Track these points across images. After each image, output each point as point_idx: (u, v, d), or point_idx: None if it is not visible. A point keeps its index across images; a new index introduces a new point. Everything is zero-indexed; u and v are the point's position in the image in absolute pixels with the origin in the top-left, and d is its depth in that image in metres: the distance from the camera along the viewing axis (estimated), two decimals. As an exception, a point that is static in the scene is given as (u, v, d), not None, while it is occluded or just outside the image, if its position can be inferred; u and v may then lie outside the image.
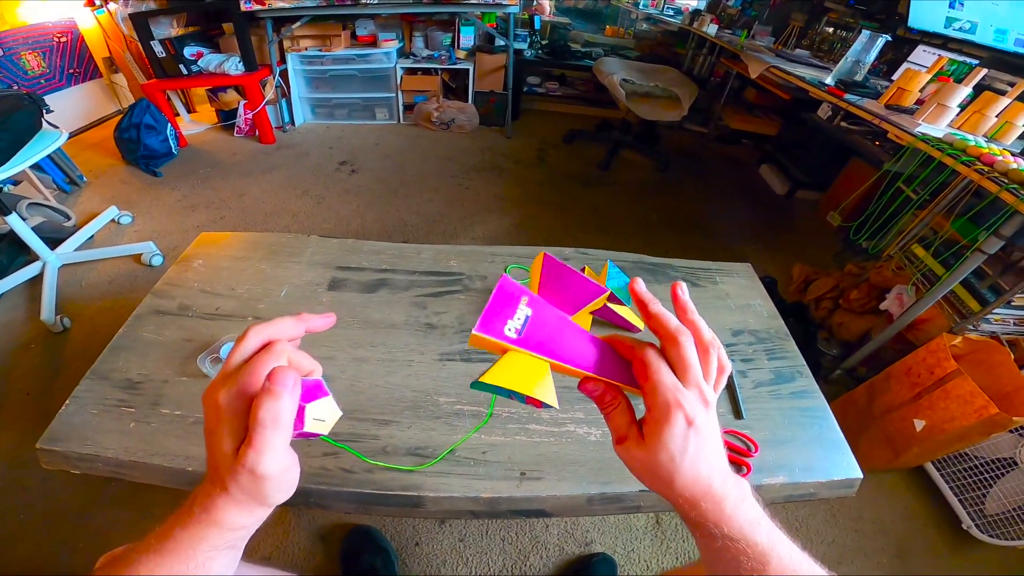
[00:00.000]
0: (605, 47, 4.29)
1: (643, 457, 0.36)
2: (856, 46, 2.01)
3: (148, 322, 0.92)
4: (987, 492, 1.38)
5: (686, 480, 0.35)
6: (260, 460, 0.34)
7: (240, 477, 0.34)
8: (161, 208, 2.49)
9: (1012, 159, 1.27)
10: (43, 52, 2.97)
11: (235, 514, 0.37)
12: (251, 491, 0.36)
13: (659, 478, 0.36)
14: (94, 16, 3.20)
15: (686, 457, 0.35)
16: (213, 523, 0.36)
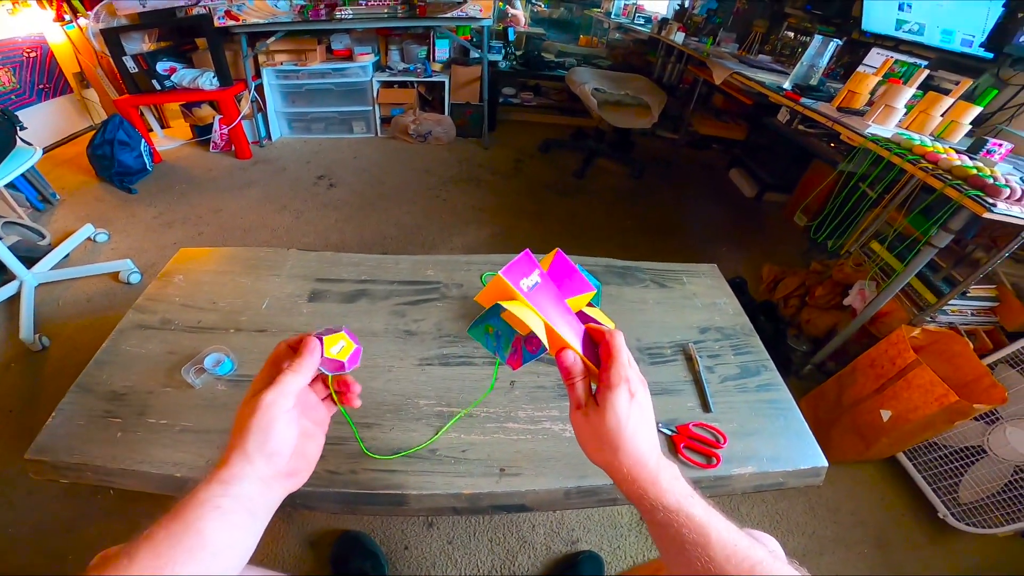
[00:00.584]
0: (578, 57, 4.36)
1: (595, 421, 0.44)
2: (810, 51, 2.09)
3: (131, 336, 0.94)
4: (959, 481, 1.42)
5: (628, 448, 0.42)
6: (271, 392, 0.43)
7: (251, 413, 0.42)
8: (137, 225, 2.47)
9: (956, 156, 1.34)
10: (13, 68, 2.94)
11: (241, 466, 0.41)
12: (260, 439, 0.42)
13: (607, 444, 0.43)
14: (64, 31, 3.17)
15: (629, 424, 0.43)
16: (218, 480, 0.40)
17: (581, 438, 0.46)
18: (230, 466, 0.41)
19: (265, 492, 0.43)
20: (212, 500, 0.39)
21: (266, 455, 0.42)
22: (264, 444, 0.42)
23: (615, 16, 4.84)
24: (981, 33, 1.88)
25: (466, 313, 1.03)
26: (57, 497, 1.30)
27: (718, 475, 0.79)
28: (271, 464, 0.43)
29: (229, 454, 0.42)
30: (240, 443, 0.42)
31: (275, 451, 0.43)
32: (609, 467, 0.44)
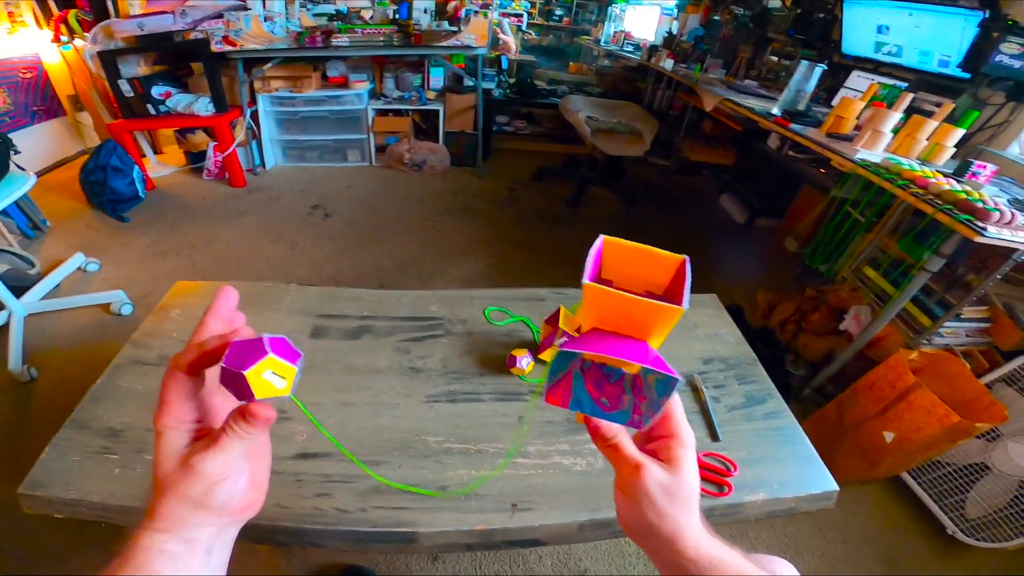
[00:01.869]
0: (570, 84, 4.45)
1: (668, 483, 0.37)
2: (796, 76, 2.14)
3: (127, 372, 0.92)
4: (965, 497, 1.44)
5: (696, 504, 0.39)
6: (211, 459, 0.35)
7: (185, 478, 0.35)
8: (129, 255, 2.45)
9: (944, 180, 1.37)
10: (8, 88, 2.94)
11: (184, 513, 0.35)
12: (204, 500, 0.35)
13: (684, 505, 0.38)
14: (60, 52, 3.18)
15: (697, 478, 0.38)
16: (157, 529, 0.35)
17: (651, 514, 0.37)
18: (166, 517, 0.35)
19: (220, 532, 0.38)
20: (156, 546, 0.34)
21: (214, 512, 0.36)
22: (209, 505, 0.36)
23: (604, 43, 4.97)
24: (957, 54, 1.92)
25: (471, 349, 1.02)
26: (45, 529, 1.28)
27: (731, 503, 0.79)
28: (220, 515, 0.37)
29: (160, 511, 0.35)
30: (171, 505, 0.35)
31: (222, 506, 0.36)
32: (675, 537, 0.38)
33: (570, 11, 6.13)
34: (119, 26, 2.79)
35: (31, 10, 3.05)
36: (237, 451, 0.36)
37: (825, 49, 2.75)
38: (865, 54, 2.41)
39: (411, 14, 3.11)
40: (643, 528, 0.38)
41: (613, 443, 0.38)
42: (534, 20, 5.98)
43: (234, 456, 0.36)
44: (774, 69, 3.20)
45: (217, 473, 0.35)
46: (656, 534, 0.38)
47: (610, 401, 0.35)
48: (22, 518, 1.24)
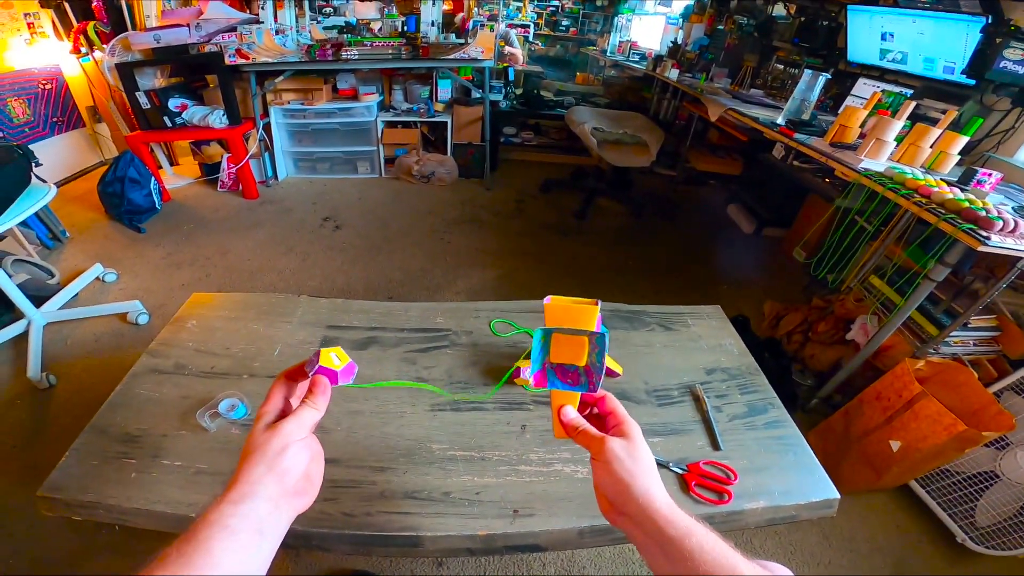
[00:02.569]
0: (576, 95, 4.49)
1: (630, 446, 0.48)
2: (800, 85, 2.15)
3: (145, 380, 0.95)
4: (975, 505, 1.43)
5: (656, 471, 0.49)
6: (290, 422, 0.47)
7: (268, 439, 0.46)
8: (146, 265, 2.51)
9: (948, 189, 1.37)
10: (28, 99, 3.01)
11: (250, 485, 0.43)
12: (272, 460, 0.45)
13: (648, 471, 0.48)
14: (79, 64, 3.26)
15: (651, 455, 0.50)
16: (228, 500, 0.42)
17: (622, 472, 0.48)
18: (239, 486, 0.43)
19: (274, 511, 0.44)
20: (222, 520, 0.40)
21: (277, 474, 0.45)
22: (275, 464, 0.45)
23: (610, 54, 5.01)
24: (962, 60, 1.91)
25: (476, 360, 1.04)
26: (59, 532, 1.31)
27: (730, 510, 0.80)
28: (281, 483, 0.45)
29: (238, 475, 0.44)
30: (250, 465, 0.44)
31: (286, 470, 0.46)
32: (647, 495, 0.46)
33: (577, 22, 6.19)
34: (136, 38, 2.87)
35: (51, 21, 3.13)
36: (308, 420, 0.49)
37: (831, 57, 2.76)
38: (871, 61, 2.41)
39: (419, 27, 3.17)
40: (620, 490, 0.47)
41: (582, 429, 0.52)
42: (541, 31, 6.04)
43: (306, 423, 0.48)
44: (780, 78, 3.21)
45: (290, 432, 0.46)
46: (631, 494, 0.46)
47: (573, 381, 0.54)
48: (38, 521, 1.31)
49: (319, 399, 0.50)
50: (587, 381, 0.53)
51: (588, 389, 0.53)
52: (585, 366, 0.53)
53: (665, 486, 0.80)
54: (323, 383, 0.51)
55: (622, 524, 0.48)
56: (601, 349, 0.52)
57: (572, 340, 0.53)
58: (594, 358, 0.53)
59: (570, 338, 0.53)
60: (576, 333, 0.53)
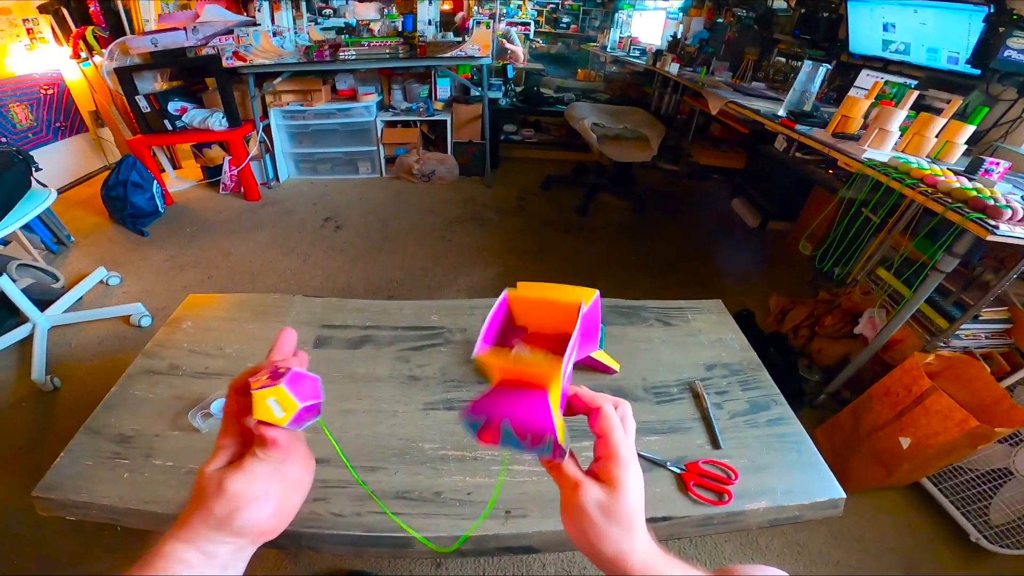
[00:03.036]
0: (577, 91, 4.46)
1: (608, 502, 0.37)
2: (801, 76, 2.12)
3: (139, 381, 0.95)
4: (989, 503, 1.39)
5: (641, 525, 0.38)
6: (236, 479, 0.38)
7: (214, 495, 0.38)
8: (149, 268, 2.52)
9: (954, 178, 1.34)
10: (31, 104, 3.03)
11: (207, 531, 0.38)
12: (227, 520, 0.38)
13: (625, 524, 0.38)
14: (80, 69, 3.27)
15: (640, 499, 0.38)
16: (182, 539, 0.38)
17: (590, 531, 0.38)
18: (192, 528, 0.38)
19: (237, 552, 0.40)
20: (175, 554, 0.37)
21: (233, 532, 0.39)
22: (230, 526, 0.39)
23: (611, 49, 4.98)
24: (965, 50, 1.89)
25: (470, 358, 1.03)
26: (64, 532, 1.33)
27: (730, 511, 0.77)
28: (241, 535, 0.39)
29: (189, 516, 0.39)
30: (198, 519, 0.38)
31: (242, 528, 0.39)
32: (618, 558, 0.37)
33: (577, 18, 6.15)
34: (134, 43, 2.88)
35: (50, 26, 3.15)
36: (260, 473, 0.39)
37: (832, 48, 2.73)
38: (873, 53, 2.38)
39: (416, 26, 3.16)
40: (588, 548, 0.38)
41: (555, 463, 0.40)
42: (542, 28, 6.02)
43: (258, 478, 0.39)
44: (782, 70, 3.18)
45: (239, 492, 0.38)
46: (600, 555, 0.38)
47: (533, 442, 0.37)
48: (42, 522, 1.29)
49: (269, 451, 0.39)
50: (552, 443, 0.37)
51: (553, 454, 0.38)
52: None
53: (663, 487, 0.79)
54: (279, 437, 0.39)
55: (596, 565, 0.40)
56: None
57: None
58: None
59: None
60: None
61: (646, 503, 0.40)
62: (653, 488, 0.79)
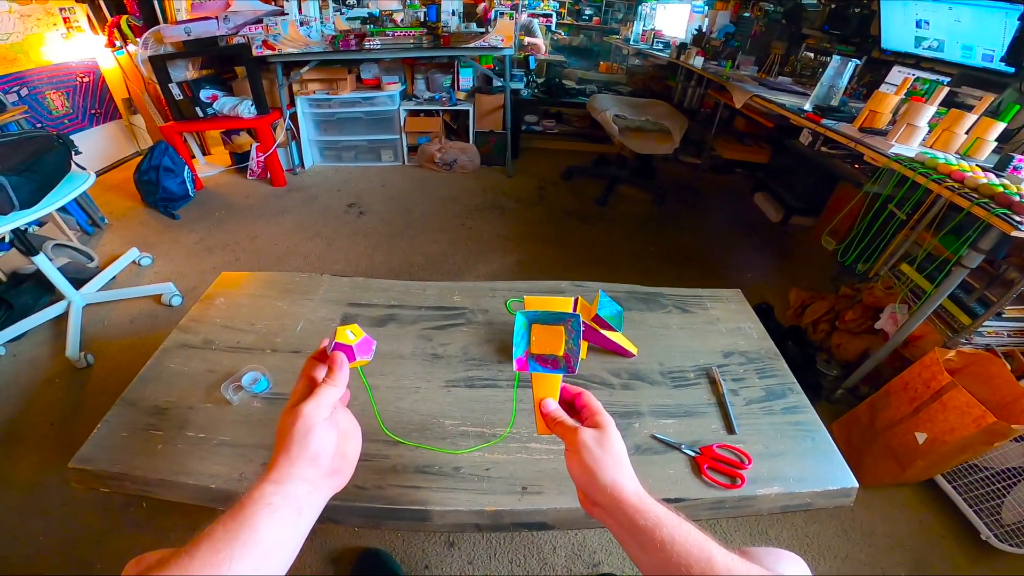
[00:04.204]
0: (599, 83, 4.43)
1: (605, 442, 0.50)
2: (829, 71, 2.09)
3: (174, 355, 0.99)
4: (1002, 502, 1.38)
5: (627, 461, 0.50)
6: (309, 403, 0.48)
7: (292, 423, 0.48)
8: (179, 250, 2.60)
9: (982, 174, 1.32)
10: (67, 92, 3.12)
11: (287, 468, 0.46)
12: (302, 445, 0.47)
13: (619, 461, 0.50)
14: (114, 57, 3.36)
15: (622, 445, 0.52)
16: (269, 480, 0.45)
17: (589, 460, 0.49)
18: (279, 468, 0.46)
19: (312, 492, 0.47)
20: (264, 498, 0.43)
21: (308, 458, 0.47)
22: (305, 449, 0.47)
23: (634, 42, 4.93)
24: (1001, 47, 1.86)
25: (491, 338, 1.05)
26: (89, 508, 1.36)
27: (743, 495, 0.79)
28: (315, 466, 0.47)
29: (276, 458, 0.47)
30: (285, 448, 0.47)
31: (316, 454, 0.47)
32: (614, 485, 0.47)
33: (600, 10, 6.09)
34: (168, 31, 2.95)
35: (86, 15, 3.23)
36: (328, 398, 0.50)
37: (863, 44, 2.67)
38: (905, 49, 2.33)
39: (440, 16, 3.18)
40: (588, 479, 0.49)
41: (558, 420, 0.54)
42: (564, 20, 5.98)
43: (324, 402, 0.49)
44: (810, 65, 3.11)
45: (311, 412, 0.48)
46: (599, 482, 0.48)
47: (552, 366, 0.57)
48: (70, 498, 1.36)
49: (337, 375, 0.52)
50: (566, 365, 0.57)
51: (567, 371, 0.57)
52: (563, 355, 0.57)
53: (676, 469, 0.81)
54: (340, 359, 0.53)
55: (597, 515, 0.50)
56: (576, 333, 0.57)
57: (550, 331, 0.58)
58: (571, 343, 0.57)
59: (548, 328, 0.58)
60: (553, 321, 0.58)
61: (660, 484, 0.52)
62: (667, 470, 0.81)
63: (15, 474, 1.46)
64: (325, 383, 0.51)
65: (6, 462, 1.49)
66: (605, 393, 0.95)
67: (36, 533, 1.31)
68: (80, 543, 1.29)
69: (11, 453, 1.52)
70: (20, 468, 1.47)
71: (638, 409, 0.92)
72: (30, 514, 1.35)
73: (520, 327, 0.59)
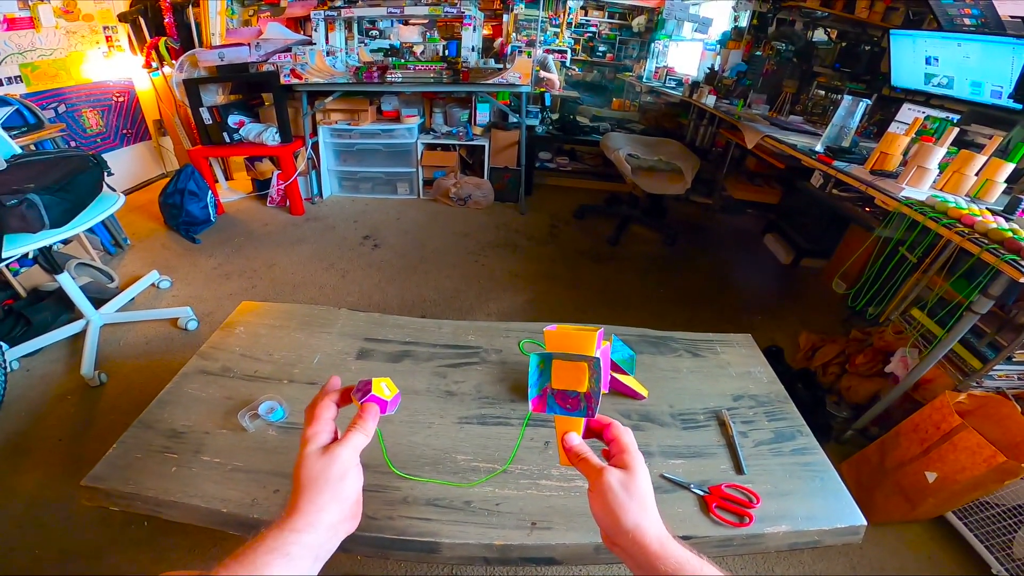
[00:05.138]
0: (612, 121, 4.50)
1: (629, 483, 0.48)
2: (840, 111, 2.11)
3: (193, 380, 1.02)
4: (1014, 537, 1.37)
5: (653, 504, 0.48)
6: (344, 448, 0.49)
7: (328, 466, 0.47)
8: (198, 275, 2.65)
9: (992, 218, 1.34)
10: (102, 111, 3.24)
11: (315, 514, 0.45)
12: (335, 488, 0.47)
13: (644, 503, 0.48)
14: (150, 78, 3.48)
15: (650, 487, 0.50)
16: (291, 528, 0.44)
17: (614, 504, 0.48)
18: (304, 515, 0.45)
19: (332, 538, 0.47)
20: (283, 548, 0.42)
21: (339, 502, 0.47)
22: (340, 493, 0.47)
23: (647, 79, 5.04)
24: (1009, 84, 1.87)
25: (504, 377, 1.07)
26: (90, 524, 1.37)
27: (751, 533, 0.79)
28: (341, 512, 0.48)
29: (299, 503, 0.46)
30: (314, 492, 0.46)
31: (348, 498, 0.48)
32: (637, 529, 0.47)
33: (613, 47, 6.26)
34: (203, 55, 3.07)
35: (127, 35, 3.36)
36: (359, 445, 0.50)
37: (874, 82, 2.71)
38: (915, 86, 2.37)
39: (459, 51, 3.29)
40: (611, 522, 0.48)
41: (583, 457, 0.52)
42: (578, 56, 6.14)
43: (357, 448, 0.50)
44: (821, 103, 3.17)
45: (348, 459, 0.48)
46: (621, 527, 0.47)
47: (572, 406, 0.55)
48: (72, 514, 1.38)
49: (369, 424, 0.51)
50: (586, 406, 0.54)
51: (587, 414, 0.54)
52: (585, 392, 0.54)
53: (685, 507, 0.81)
54: (373, 409, 0.53)
55: (617, 553, 0.49)
56: (598, 374, 0.54)
57: (572, 366, 0.54)
58: (593, 383, 0.54)
59: (570, 364, 0.55)
60: (574, 359, 0.54)
61: (669, 522, 0.49)
62: (675, 508, 0.82)
63: (19, 486, 1.48)
64: (356, 429, 0.50)
65: (12, 474, 1.51)
66: (616, 433, 0.96)
67: (34, 545, 1.32)
68: (78, 557, 1.30)
69: (17, 466, 1.54)
70: (25, 481, 1.49)
71: (648, 449, 0.92)
72: (29, 527, 1.37)
73: (534, 367, 0.56)
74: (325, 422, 0.51)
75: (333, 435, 0.51)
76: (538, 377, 0.56)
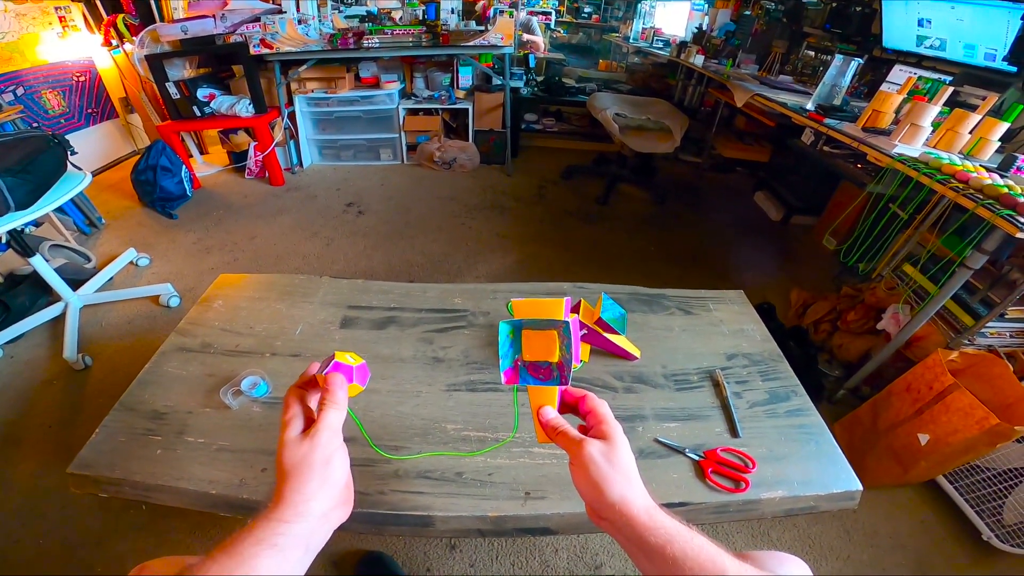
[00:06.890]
0: (598, 81, 4.40)
1: (612, 455, 0.47)
2: (831, 70, 2.09)
3: (172, 359, 0.98)
4: (1004, 502, 1.38)
5: (636, 475, 0.47)
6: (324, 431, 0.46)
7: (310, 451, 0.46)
8: (177, 250, 2.58)
9: (987, 175, 1.32)
10: (63, 91, 3.10)
11: (304, 504, 0.43)
12: (322, 475, 0.45)
13: (629, 474, 0.47)
14: (111, 56, 3.34)
15: (631, 457, 0.49)
16: (279, 519, 0.42)
17: (596, 476, 0.46)
18: (292, 504, 0.43)
19: (323, 526, 0.45)
20: (271, 538, 0.41)
21: (328, 487, 0.45)
22: (327, 478, 0.45)
23: (633, 40, 4.92)
24: (1003, 47, 1.86)
25: (492, 341, 1.04)
26: (89, 511, 1.35)
27: (747, 499, 0.78)
28: (331, 497, 0.46)
29: (285, 492, 0.44)
30: (301, 481, 0.44)
31: (336, 483, 0.46)
32: (623, 501, 0.45)
33: (599, 8, 6.08)
34: (164, 30, 2.92)
35: (81, 14, 3.20)
36: (337, 422, 0.48)
37: (864, 43, 2.66)
38: (907, 48, 2.33)
39: (439, 15, 3.16)
40: (595, 495, 0.46)
41: (561, 431, 0.50)
42: (563, 18, 5.96)
43: (336, 427, 0.48)
44: (811, 64, 3.11)
45: (328, 441, 0.46)
46: (606, 499, 0.45)
47: (544, 376, 0.53)
48: (70, 501, 1.35)
49: (338, 394, 0.49)
50: (559, 375, 0.52)
51: (560, 382, 0.53)
52: (557, 362, 0.52)
53: (680, 473, 0.80)
54: (339, 379, 0.51)
55: (605, 527, 0.48)
56: (569, 339, 0.52)
57: (542, 336, 0.53)
58: (564, 351, 0.52)
59: (540, 334, 0.53)
60: (544, 326, 0.53)
61: (663, 488, 0.50)
62: (670, 474, 0.80)
63: (15, 477, 1.45)
64: (328, 407, 0.48)
65: (5, 465, 1.48)
66: (608, 396, 0.94)
67: (37, 536, 1.31)
68: (81, 545, 1.28)
69: (10, 456, 1.51)
70: (19, 471, 1.47)
71: (641, 412, 0.91)
72: (30, 517, 1.35)
73: (505, 336, 0.54)
74: (295, 407, 0.50)
75: (310, 420, 0.49)
76: (509, 347, 0.54)
